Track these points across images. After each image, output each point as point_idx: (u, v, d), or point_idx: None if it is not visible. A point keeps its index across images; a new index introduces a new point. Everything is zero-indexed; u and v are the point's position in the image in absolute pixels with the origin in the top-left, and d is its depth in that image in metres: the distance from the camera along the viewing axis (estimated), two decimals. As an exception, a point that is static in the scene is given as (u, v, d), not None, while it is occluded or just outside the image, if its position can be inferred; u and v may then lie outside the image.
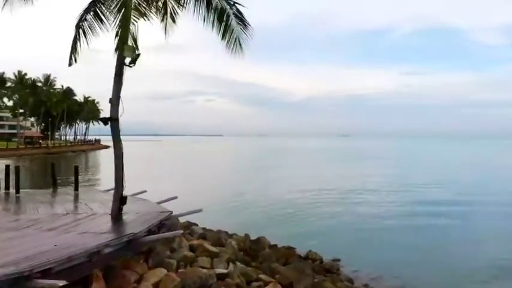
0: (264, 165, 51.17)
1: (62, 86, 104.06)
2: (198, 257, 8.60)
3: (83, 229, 7.45)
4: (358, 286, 9.53)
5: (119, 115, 8.71)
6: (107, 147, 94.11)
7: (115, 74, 8.69)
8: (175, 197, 10.99)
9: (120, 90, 8.70)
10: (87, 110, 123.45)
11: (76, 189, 12.49)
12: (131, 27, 8.98)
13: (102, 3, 9.45)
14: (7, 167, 12.70)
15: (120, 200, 8.75)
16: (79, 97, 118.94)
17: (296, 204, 20.59)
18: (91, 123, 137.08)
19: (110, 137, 8.94)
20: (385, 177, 36.13)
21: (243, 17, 8.93)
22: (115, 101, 8.66)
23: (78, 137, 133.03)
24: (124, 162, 8.84)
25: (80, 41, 9.53)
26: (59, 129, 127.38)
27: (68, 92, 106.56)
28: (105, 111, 9.22)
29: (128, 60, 8.61)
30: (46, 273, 5.03)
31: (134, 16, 9.23)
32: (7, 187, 12.26)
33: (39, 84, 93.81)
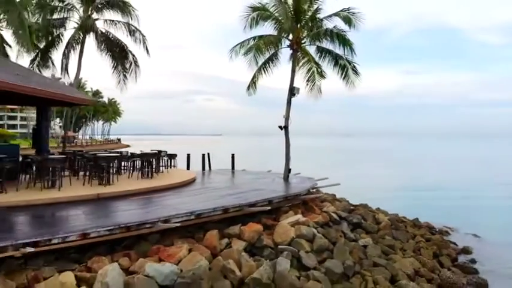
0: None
1: (91, 89, 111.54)
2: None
3: (271, 186, 14.40)
4: None
5: (288, 125, 15.81)
6: (127, 146, 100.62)
7: (287, 101, 15.79)
8: (338, 184, 15.13)
9: (289, 111, 15.79)
10: (112, 111, 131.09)
11: (232, 169, 19.76)
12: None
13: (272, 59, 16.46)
14: (188, 155, 19.74)
15: (288, 170, 15.91)
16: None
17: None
18: (106, 123, 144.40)
19: (127, 137, 15.65)
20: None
21: (355, 68, 15.87)
22: (287, 116, 15.79)
23: (99, 136, 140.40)
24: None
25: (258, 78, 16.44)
26: (80, 128, 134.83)
27: (96, 95, 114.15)
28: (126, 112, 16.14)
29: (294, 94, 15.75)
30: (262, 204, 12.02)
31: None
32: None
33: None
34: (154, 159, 14.66)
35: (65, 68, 17.10)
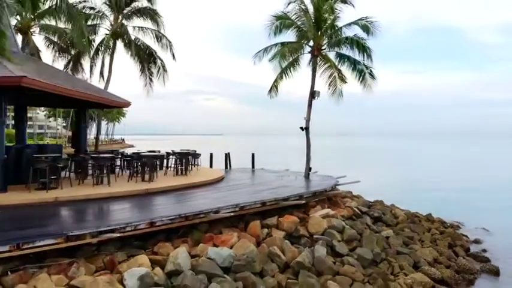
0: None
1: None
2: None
3: (296, 183, 15.56)
4: None
5: (309, 126, 16.91)
6: (131, 146, 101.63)
7: (308, 104, 16.89)
8: (359, 181, 16.28)
9: (310, 113, 16.88)
10: (116, 111, 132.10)
11: (252, 167, 20.83)
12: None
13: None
14: (211, 154, 20.85)
15: (308, 169, 17.01)
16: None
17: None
18: (110, 123, 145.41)
19: (127, 137, 16.46)
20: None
21: (372, 73, 16.95)
22: (308, 118, 16.89)
23: (103, 136, 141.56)
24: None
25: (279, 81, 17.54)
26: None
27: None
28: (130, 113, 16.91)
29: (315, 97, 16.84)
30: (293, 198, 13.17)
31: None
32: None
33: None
34: (187, 158, 15.77)
35: (100, 73, 18.21)
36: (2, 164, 10.81)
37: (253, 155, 21.18)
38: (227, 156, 20.72)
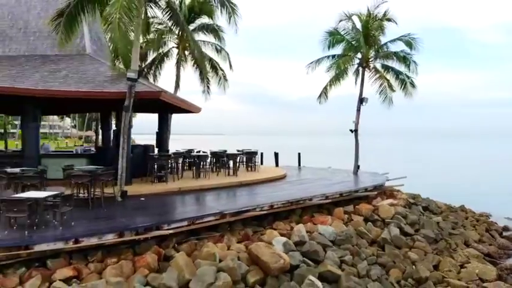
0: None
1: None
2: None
3: (352, 178, 17.98)
4: None
5: (358, 128, 19.39)
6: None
7: (357, 109, 19.38)
8: (405, 177, 17.91)
9: (359, 117, 19.36)
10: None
11: (299, 165, 23.39)
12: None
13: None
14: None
15: (357, 166, 19.53)
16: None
17: None
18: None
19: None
20: None
21: (413, 82, 19.36)
22: (357, 121, 19.40)
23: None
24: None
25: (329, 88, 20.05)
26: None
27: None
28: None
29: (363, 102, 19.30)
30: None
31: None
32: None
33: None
34: (254, 157, 18.31)
35: (176, 82, 20.63)
36: (129, 161, 13.31)
37: (299, 154, 23.68)
38: (276, 155, 23.21)
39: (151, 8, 13.49)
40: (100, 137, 24.70)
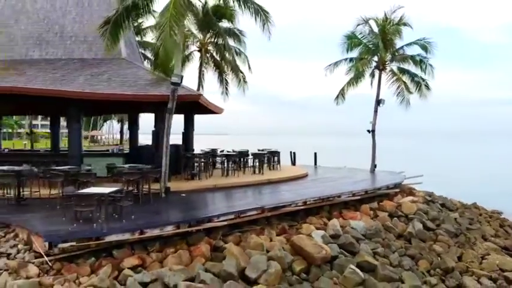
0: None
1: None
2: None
3: (372, 177, 18.78)
4: None
5: (375, 129, 20.18)
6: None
7: (374, 110, 20.17)
8: (421, 175, 19.10)
9: (376, 118, 20.15)
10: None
11: (315, 164, 24.20)
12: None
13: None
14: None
15: (374, 165, 20.32)
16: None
17: None
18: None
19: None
20: None
21: (428, 85, 20.13)
22: (374, 122, 20.19)
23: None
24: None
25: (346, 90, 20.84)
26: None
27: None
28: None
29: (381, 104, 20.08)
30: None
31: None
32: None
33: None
34: (277, 156, 19.13)
35: (198, 84, 21.45)
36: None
37: (315, 154, 24.48)
38: (293, 154, 24.00)
39: (189, 16, 14.22)
40: (126, 136, 25.36)
